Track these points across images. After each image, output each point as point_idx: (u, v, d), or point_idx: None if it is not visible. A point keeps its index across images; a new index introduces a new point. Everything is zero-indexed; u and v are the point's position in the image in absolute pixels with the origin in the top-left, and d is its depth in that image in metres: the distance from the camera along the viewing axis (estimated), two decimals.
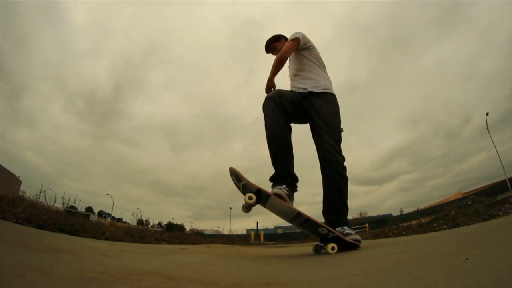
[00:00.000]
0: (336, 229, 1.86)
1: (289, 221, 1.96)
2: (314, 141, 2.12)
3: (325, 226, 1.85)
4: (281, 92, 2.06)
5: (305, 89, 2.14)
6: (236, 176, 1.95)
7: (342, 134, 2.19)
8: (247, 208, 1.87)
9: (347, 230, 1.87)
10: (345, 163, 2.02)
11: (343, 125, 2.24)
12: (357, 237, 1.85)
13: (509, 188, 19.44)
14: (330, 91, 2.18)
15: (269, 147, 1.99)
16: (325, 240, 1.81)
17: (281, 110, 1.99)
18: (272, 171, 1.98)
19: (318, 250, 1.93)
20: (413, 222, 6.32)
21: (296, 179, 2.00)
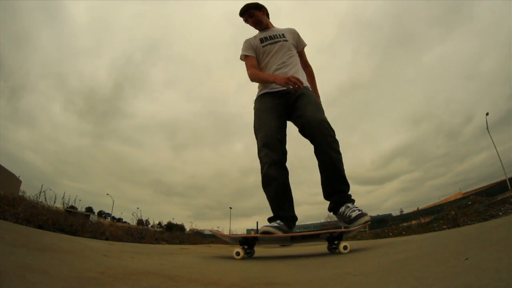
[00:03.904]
0: (340, 209, 1.81)
1: (291, 244, 1.96)
2: (299, 122, 1.98)
3: (323, 231, 1.82)
4: (272, 133, 1.94)
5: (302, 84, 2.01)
6: (221, 237, 1.97)
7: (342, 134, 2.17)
8: (248, 254, 1.83)
9: (350, 210, 1.75)
10: (312, 157, 1.92)
11: (345, 124, 2.22)
12: (366, 218, 1.70)
13: (509, 188, 19.43)
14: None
15: (266, 192, 1.92)
16: (333, 240, 1.74)
17: (278, 150, 1.92)
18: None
19: (332, 251, 1.85)
20: (413, 222, 6.32)
21: (295, 218, 1.93)
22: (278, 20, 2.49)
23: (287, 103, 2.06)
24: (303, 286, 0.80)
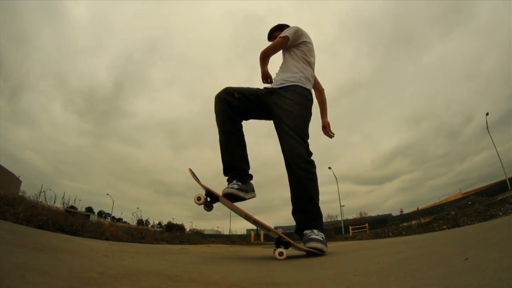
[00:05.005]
0: (304, 232, 1.75)
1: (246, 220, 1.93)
2: (278, 136, 1.97)
3: (274, 231, 1.82)
4: (228, 89, 2.02)
5: (276, 84, 2.07)
6: (194, 177, 1.98)
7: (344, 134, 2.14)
8: (207, 207, 1.87)
9: (313, 234, 1.70)
10: (313, 157, 1.88)
11: (345, 124, 2.19)
12: (318, 245, 1.64)
13: (509, 188, 19.43)
14: (301, 84, 2.01)
15: (219, 141, 1.99)
16: (279, 243, 1.69)
17: (225, 105, 1.96)
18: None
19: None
20: (413, 222, 6.32)
21: (245, 172, 1.97)
22: (279, 18, 2.49)
23: (259, 102, 2.05)
24: (303, 286, 0.80)
